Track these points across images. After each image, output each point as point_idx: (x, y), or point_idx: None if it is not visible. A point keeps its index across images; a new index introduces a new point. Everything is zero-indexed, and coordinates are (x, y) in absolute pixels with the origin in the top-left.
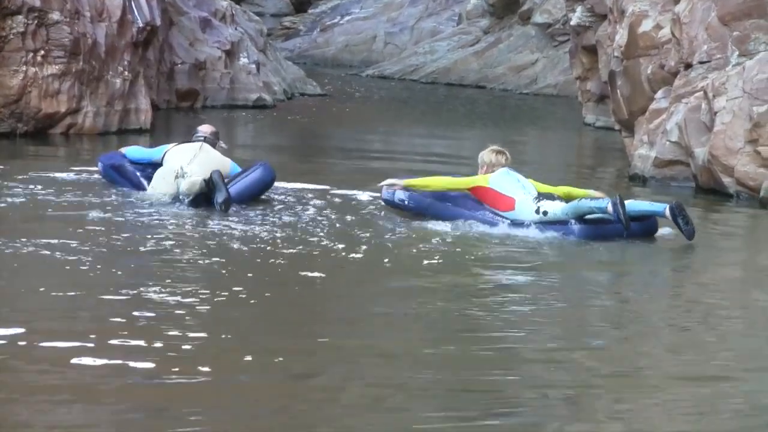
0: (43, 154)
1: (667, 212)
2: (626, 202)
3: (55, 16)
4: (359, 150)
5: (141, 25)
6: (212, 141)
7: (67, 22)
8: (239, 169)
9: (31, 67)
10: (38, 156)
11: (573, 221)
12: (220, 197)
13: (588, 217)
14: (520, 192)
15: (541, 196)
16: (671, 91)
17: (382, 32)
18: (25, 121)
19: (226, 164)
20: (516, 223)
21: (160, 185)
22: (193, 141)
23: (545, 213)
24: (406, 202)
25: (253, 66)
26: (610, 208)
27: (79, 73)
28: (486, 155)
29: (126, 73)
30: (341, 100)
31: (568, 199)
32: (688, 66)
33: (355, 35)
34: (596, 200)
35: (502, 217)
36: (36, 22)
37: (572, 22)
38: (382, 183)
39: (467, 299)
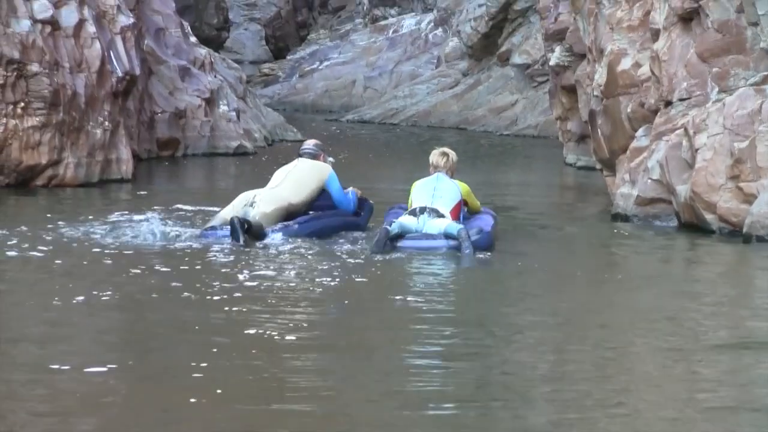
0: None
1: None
2: (442, 223)
3: (34, 67)
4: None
5: (120, 74)
6: (312, 153)
7: (46, 74)
8: (338, 186)
9: (11, 119)
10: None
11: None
12: (240, 239)
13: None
14: (418, 201)
15: (420, 211)
16: (652, 129)
17: (362, 77)
18: (6, 174)
19: (324, 174)
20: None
21: (227, 211)
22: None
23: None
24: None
25: (233, 113)
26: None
27: (59, 124)
28: (431, 155)
29: (106, 123)
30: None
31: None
32: (668, 103)
33: (335, 80)
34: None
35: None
36: (15, 74)
37: (551, 63)
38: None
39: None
